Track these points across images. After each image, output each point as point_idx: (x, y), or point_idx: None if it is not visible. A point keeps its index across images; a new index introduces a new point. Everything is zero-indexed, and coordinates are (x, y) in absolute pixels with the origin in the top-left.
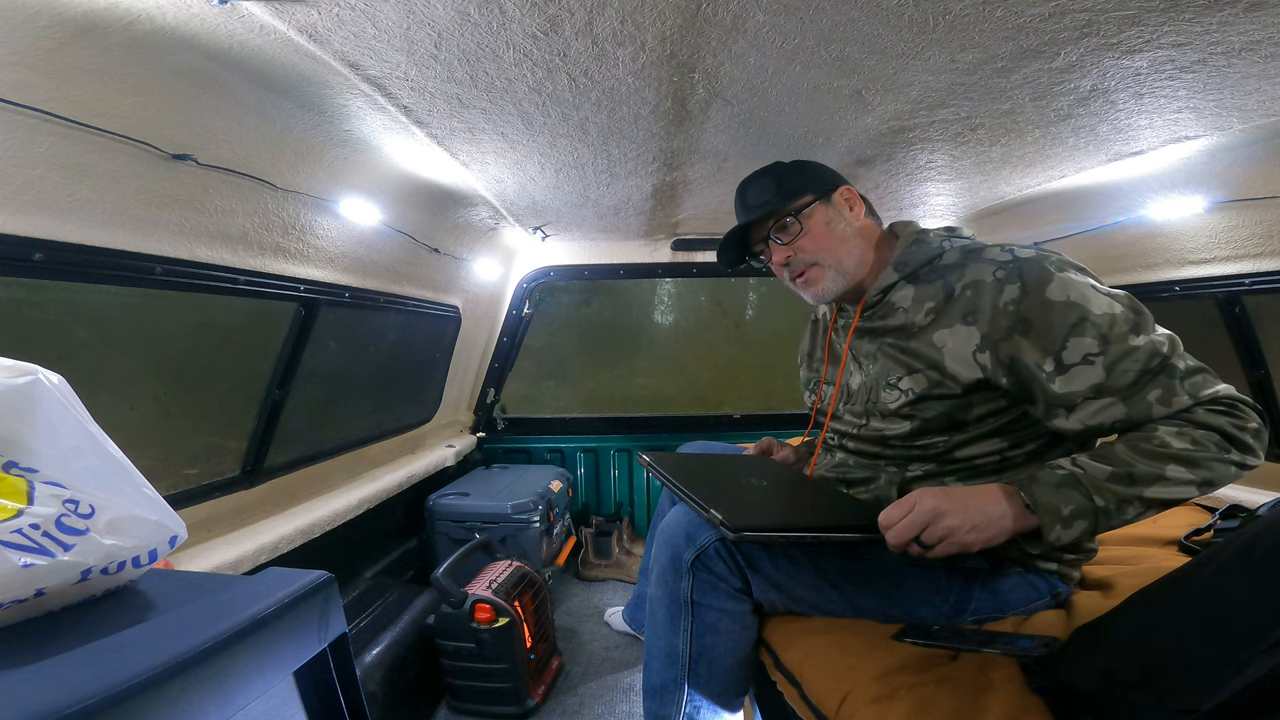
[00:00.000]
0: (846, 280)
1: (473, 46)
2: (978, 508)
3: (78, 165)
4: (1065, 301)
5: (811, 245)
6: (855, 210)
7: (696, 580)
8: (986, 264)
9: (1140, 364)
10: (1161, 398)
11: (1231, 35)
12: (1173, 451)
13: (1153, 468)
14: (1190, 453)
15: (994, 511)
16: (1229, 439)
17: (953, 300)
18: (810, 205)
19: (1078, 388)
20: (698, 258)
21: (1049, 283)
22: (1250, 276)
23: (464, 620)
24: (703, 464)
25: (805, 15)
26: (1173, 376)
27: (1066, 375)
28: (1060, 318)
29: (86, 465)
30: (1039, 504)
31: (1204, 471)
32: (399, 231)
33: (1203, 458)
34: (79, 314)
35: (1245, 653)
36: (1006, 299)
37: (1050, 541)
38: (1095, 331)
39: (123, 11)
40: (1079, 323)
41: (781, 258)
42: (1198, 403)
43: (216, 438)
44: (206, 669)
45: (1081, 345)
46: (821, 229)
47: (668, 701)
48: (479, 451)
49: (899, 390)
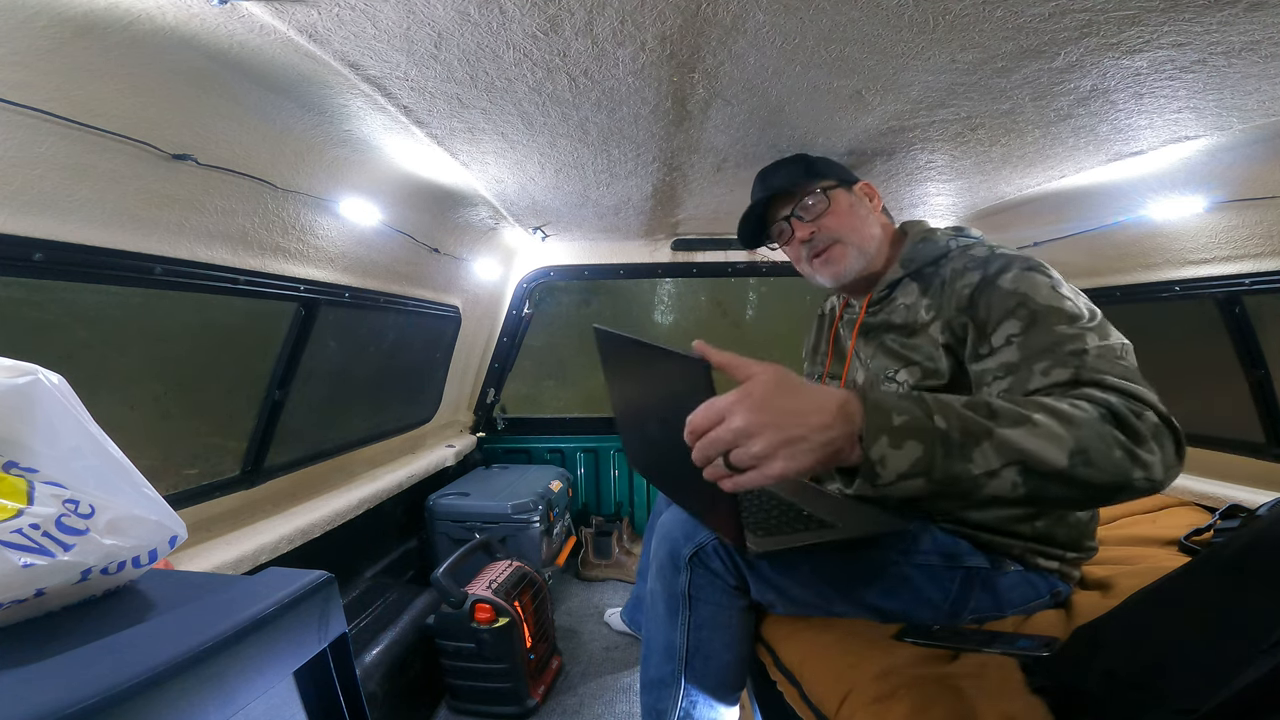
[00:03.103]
0: (866, 262)
1: (473, 46)
2: (796, 419)
3: (78, 165)
4: (1012, 290)
5: (835, 223)
6: (875, 203)
7: (694, 575)
8: (965, 257)
9: (1050, 343)
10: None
11: (1231, 35)
12: (1048, 407)
13: (1019, 410)
14: (1066, 411)
15: (814, 422)
16: (1119, 420)
17: (943, 296)
18: (835, 186)
19: (990, 365)
20: (698, 258)
21: (1006, 273)
22: (1250, 276)
23: (464, 620)
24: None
25: (805, 15)
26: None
27: (992, 355)
28: (1001, 301)
29: (86, 465)
30: (869, 403)
31: (1079, 434)
32: (399, 231)
33: (1080, 418)
34: (79, 314)
35: (1245, 653)
36: (965, 283)
37: (872, 460)
38: (1027, 315)
39: (123, 11)
40: (1015, 307)
41: (805, 233)
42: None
43: (216, 438)
44: (206, 669)
45: (1007, 327)
46: (846, 209)
47: (664, 695)
48: (479, 451)
49: (895, 383)
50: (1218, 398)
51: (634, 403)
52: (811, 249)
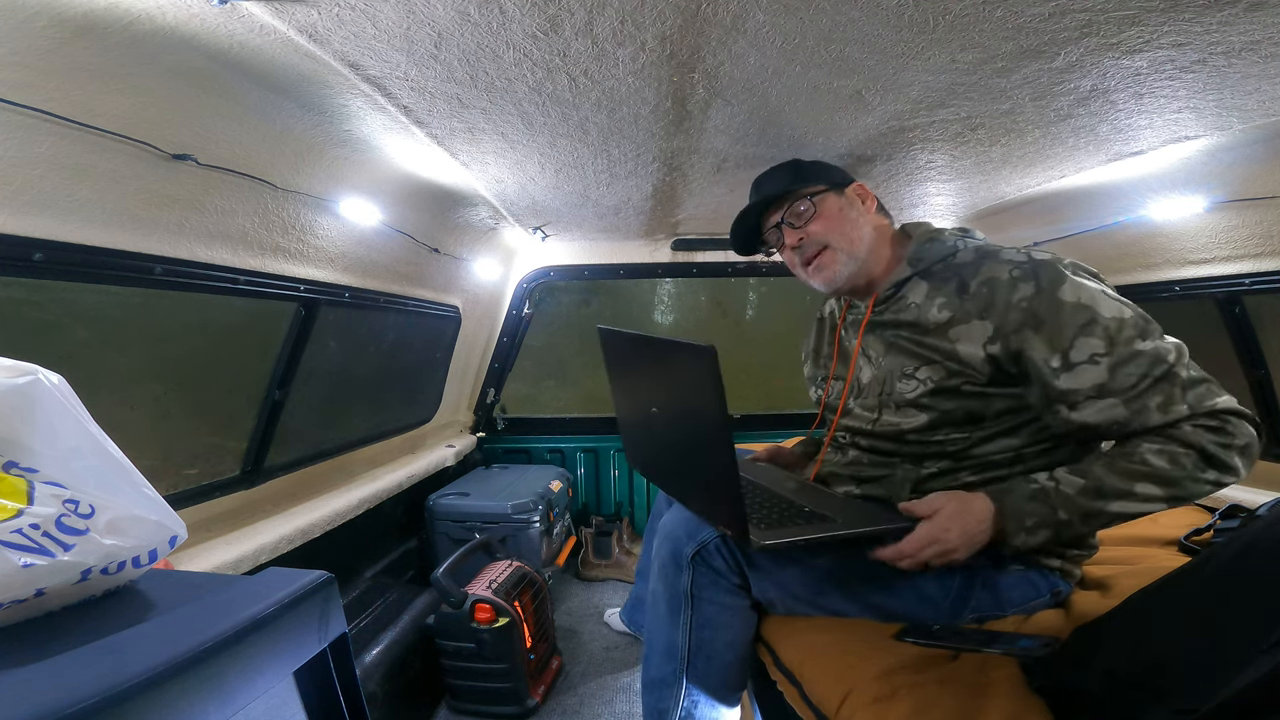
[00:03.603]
0: (857, 265)
1: (473, 46)
2: (972, 534)
3: (78, 165)
4: (1076, 303)
5: (823, 228)
6: (868, 205)
7: (696, 574)
8: (1002, 263)
9: (1144, 368)
10: (1162, 404)
11: (1231, 35)
12: (1148, 469)
13: (1123, 484)
14: (1166, 471)
15: (979, 530)
16: (1207, 458)
17: (967, 297)
18: (824, 191)
19: (1081, 385)
20: (698, 258)
21: (1062, 284)
22: (1250, 276)
23: (464, 620)
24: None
25: (805, 15)
26: (1174, 384)
27: (1072, 372)
28: (1070, 317)
29: (86, 465)
30: (1006, 513)
31: (1175, 489)
32: (399, 231)
33: (1177, 476)
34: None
35: (1245, 653)
36: (1020, 296)
37: (1016, 546)
38: (1103, 333)
39: (123, 11)
40: (1088, 324)
41: (794, 240)
42: (1194, 414)
43: (216, 438)
44: (206, 669)
45: (1089, 345)
46: (834, 213)
47: (666, 695)
48: (479, 451)
49: (916, 380)
50: None
51: (638, 399)
52: (802, 255)
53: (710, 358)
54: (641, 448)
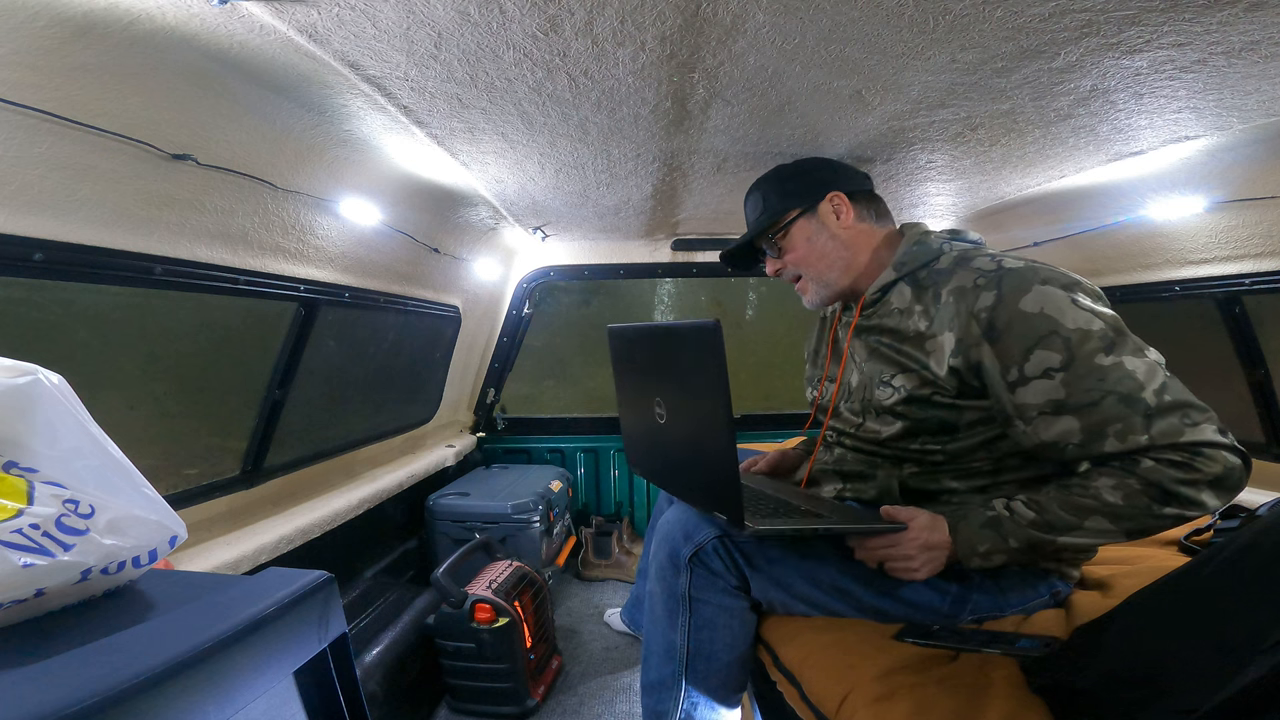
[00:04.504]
0: (830, 291)
1: (473, 46)
2: (937, 551)
3: (78, 165)
4: (1037, 313)
5: (794, 260)
6: (843, 218)
7: (694, 576)
8: (971, 271)
9: (1105, 386)
10: (1120, 432)
11: (1231, 35)
12: (1100, 505)
13: (1074, 518)
14: (1118, 508)
15: (940, 548)
16: (1168, 495)
17: (939, 306)
18: (793, 221)
19: (1033, 400)
20: (698, 258)
21: (1025, 293)
22: (1250, 276)
23: (464, 620)
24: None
25: (805, 15)
26: (1135, 410)
27: (1026, 387)
28: (1027, 328)
29: (86, 465)
30: (959, 539)
31: (1129, 524)
32: (399, 231)
33: (1130, 512)
34: (79, 314)
35: (1245, 653)
36: (981, 305)
37: (970, 567)
38: (1062, 345)
39: (123, 11)
40: (1047, 335)
41: (772, 270)
42: (1152, 447)
43: (216, 438)
44: (206, 669)
45: (1044, 358)
46: (803, 245)
47: (665, 697)
48: (479, 451)
49: (891, 387)
50: (1218, 398)
51: (643, 392)
52: (784, 279)
53: (714, 330)
54: (643, 447)
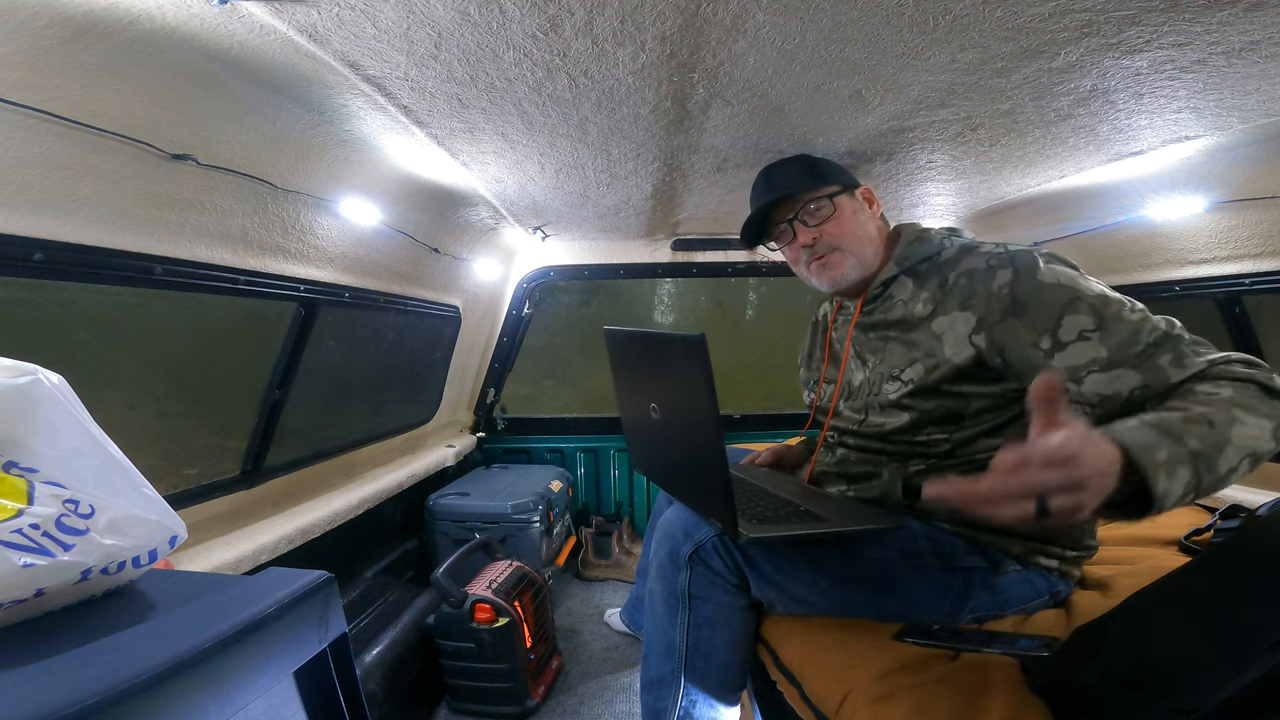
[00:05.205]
0: (862, 270)
1: (473, 46)
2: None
3: (78, 165)
4: (1055, 284)
5: (838, 230)
6: (874, 209)
7: (694, 574)
8: (980, 255)
9: (1144, 334)
10: (1174, 360)
11: (1231, 35)
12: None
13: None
14: (1246, 400)
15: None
16: (1265, 389)
17: (949, 290)
18: (839, 193)
19: (1078, 361)
20: (698, 258)
21: (1038, 269)
22: (1250, 276)
23: (464, 620)
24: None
25: (805, 15)
26: (1180, 343)
27: (1065, 351)
28: (1052, 297)
29: (86, 465)
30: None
31: (1268, 422)
32: (399, 231)
33: (1258, 405)
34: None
35: (1245, 653)
36: (999, 283)
37: (1158, 495)
38: (1089, 309)
39: (123, 11)
40: (1072, 301)
41: (808, 238)
42: (1214, 362)
43: (216, 437)
44: (206, 669)
45: (1077, 322)
46: (849, 216)
47: (664, 694)
48: (479, 451)
49: (899, 381)
50: None
51: (639, 395)
52: (813, 253)
53: (699, 344)
54: (644, 448)
